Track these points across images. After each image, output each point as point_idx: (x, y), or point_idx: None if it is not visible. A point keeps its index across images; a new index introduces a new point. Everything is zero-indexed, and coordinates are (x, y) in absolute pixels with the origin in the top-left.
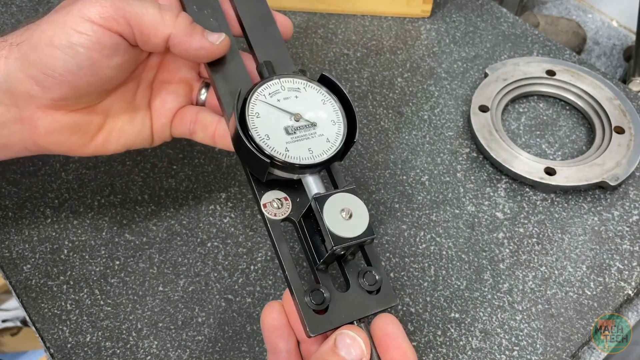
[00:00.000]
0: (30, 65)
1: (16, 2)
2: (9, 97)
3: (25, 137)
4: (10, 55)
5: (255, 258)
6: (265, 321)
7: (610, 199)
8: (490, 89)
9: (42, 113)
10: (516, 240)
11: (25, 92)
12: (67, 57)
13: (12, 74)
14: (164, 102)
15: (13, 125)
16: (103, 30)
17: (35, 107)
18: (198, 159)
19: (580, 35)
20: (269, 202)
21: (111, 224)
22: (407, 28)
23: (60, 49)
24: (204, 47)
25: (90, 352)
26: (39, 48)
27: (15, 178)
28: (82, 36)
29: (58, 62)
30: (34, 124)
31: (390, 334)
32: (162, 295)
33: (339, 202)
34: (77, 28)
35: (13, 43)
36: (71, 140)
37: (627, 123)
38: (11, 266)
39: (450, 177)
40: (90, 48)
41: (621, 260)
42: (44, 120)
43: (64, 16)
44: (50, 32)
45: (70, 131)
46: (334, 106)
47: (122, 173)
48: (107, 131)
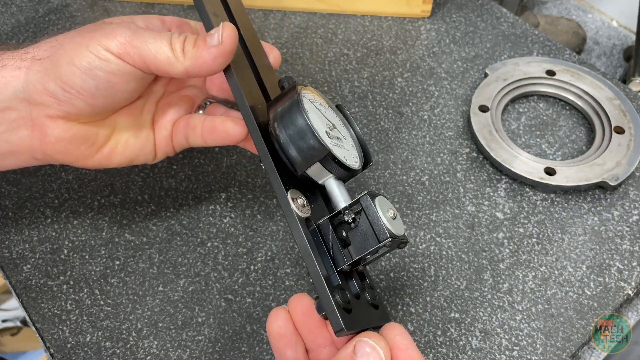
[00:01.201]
0: (50, 79)
1: (16, 2)
2: (25, 105)
3: (35, 144)
4: (32, 67)
5: (255, 258)
6: (271, 329)
7: (610, 199)
8: (490, 89)
9: (53, 122)
10: (516, 240)
11: (41, 102)
12: (86, 78)
13: (31, 84)
14: (165, 115)
15: (24, 131)
16: (122, 61)
17: (47, 116)
18: (198, 159)
19: (580, 35)
20: (294, 197)
21: (111, 224)
22: (407, 28)
23: (81, 69)
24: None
25: (90, 352)
26: (61, 65)
27: (15, 178)
28: (102, 62)
29: (77, 81)
30: (45, 132)
31: (399, 345)
32: (162, 295)
33: (385, 202)
34: (98, 54)
35: (35, 57)
36: (79, 150)
37: (627, 123)
38: (11, 266)
39: (450, 177)
40: (109, 72)
41: (621, 260)
42: (55, 129)
43: (87, 41)
44: (72, 53)
45: (78, 141)
46: (351, 132)
47: (122, 173)
48: (113, 144)
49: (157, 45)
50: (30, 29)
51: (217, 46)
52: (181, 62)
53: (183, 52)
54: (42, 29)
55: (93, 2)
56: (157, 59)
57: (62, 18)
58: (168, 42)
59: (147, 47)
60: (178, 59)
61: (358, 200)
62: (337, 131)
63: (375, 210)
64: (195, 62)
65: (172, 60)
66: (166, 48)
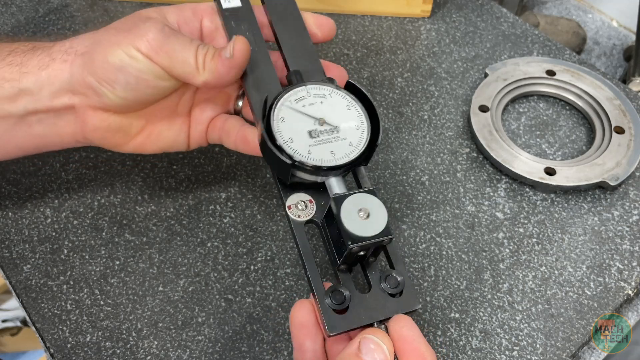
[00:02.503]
0: (88, 73)
1: (16, 2)
2: (70, 95)
3: (77, 129)
4: (75, 61)
5: (255, 258)
6: (294, 318)
7: (610, 199)
8: (490, 89)
9: (92, 112)
10: (516, 240)
11: (82, 93)
12: (119, 74)
13: (75, 77)
14: (203, 111)
15: (70, 117)
16: (150, 62)
17: (88, 106)
18: (198, 159)
19: (580, 35)
20: (294, 204)
21: (111, 224)
22: (407, 28)
23: (114, 66)
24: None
25: (90, 352)
26: (96, 61)
27: (15, 178)
28: (132, 60)
29: (110, 76)
30: (85, 121)
31: (405, 337)
32: (162, 295)
33: (357, 202)
34: (129, 53)
35: (78, 52)
36: (114, 138)
37: (627, 123)
38: (11, 266)
39: (450, 177)
40: (140, 70)
41: (621, 260)
42: (94, 118)
43: (120, 39)
44: (107, 50)
45: (114, 131)
46: (359, 112)
47: (122, 173)
48: (147, 134)
49: (184, 55)
50: (30, 29)
51: (230, 59)
52: (201, 74)
53: (204, 65)
54: (42, 29)
55: (93, 2)
56: (183, 69)
57: (62, 18)
58: (194, 54)
59: (175, 55)
60: (199, 70)
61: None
62: (328, 124)
63: (338, 214)
64: (213, 74)
65: (194, 72)
66: (192, 60)
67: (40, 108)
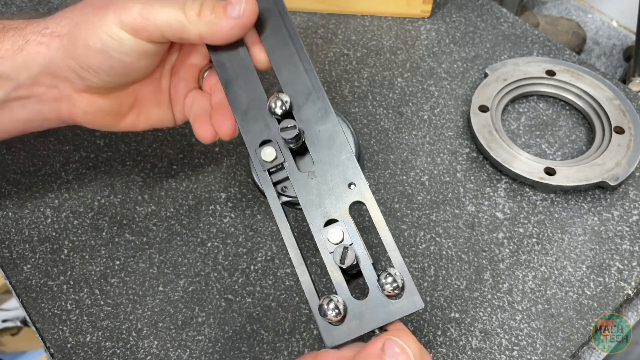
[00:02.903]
0: (70, 57)
1: (16, 2)
2: (51, 79)
3: (63, 113)
4: (52, 44)
5: (255, 258)
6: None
7: (610, 199)
8: (490, 89)
9: (78, 95)
10: (516, 240)
11: (65, 76)
12: (101, 58)
13: (54, 60)
14: (177, 90)
15: (53, 103)
16: (135, 38)
17: (73, 90)
18: (198, 159)
19: (580, 35)
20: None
21: (111, 224)
22: (407, 28)
23: (95, 51)
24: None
25: (91, 352)
26: (77, 46)
27: (15, 178)
28: (114, 42)
29: (93, 61)
30: (72, 104)
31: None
32: (162, 295)
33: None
34: (111, 34)
35: (54, 33)
36: (105, 120)
37: (627, 123)
38: (11, 266)
39: (450, 177)
40: (122, 52)
41: (621, 260)
42: (81, 102)
43: (100, 19)
44: (87, 33)
45: (104, 113)
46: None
47: (122, 173)
48: (136, 113)
49: (169, 12)
50: None
51: (237, 18)
52: (196, 26)
53: (199, 16)
54: None
55: None
56: (171, 27)
57: None
58: (182, 9)
59: (160, 17)
60: (192, 23)
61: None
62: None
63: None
64: (211, 28)
65: (187, 25)
66: (180, 15)
67: (21, 94)
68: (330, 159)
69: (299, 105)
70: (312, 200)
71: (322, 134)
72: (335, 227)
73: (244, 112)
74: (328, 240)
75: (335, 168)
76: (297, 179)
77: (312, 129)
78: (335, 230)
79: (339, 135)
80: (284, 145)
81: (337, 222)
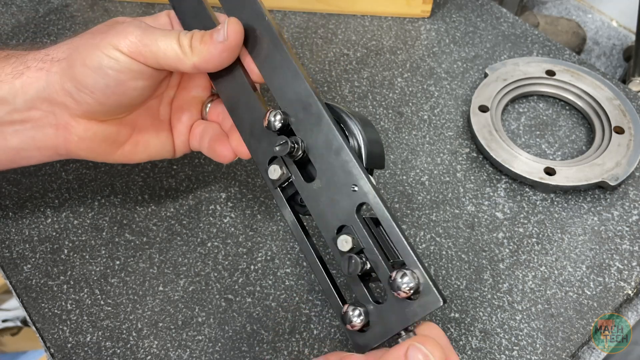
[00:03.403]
0: (67, 80)
1: (16, 2)
2: (48, 104)
3: (59, 142)
4: (52, 68)
5: (255, 258)
6: None
7: (610, 199)
8: (490, 89)
9: (75, 121)
10: (516, 240)
11: (62, 101)
12: (97, 77)
13: (51, 85)
14: (180, 120)
15: (49, 130)
16: (130, 59)
17: (70, 116)
18: (198, 159)
19: (580, 35)
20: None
21: (111, 224)
22: (407, 28)
23: (92, 69)
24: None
25: (91, 352)
26: (75, 67)
27: (15, 178)
28: (111, 61)
29: (89, 80)
30: (69, 131)
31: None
32: (162, 295)
33: None
34: (108, 54)
35: (54, 58)
36: (101, 147)
37: (627, 123)
38: (11, 266)
39: (450, 177)
40: (118, 71)
41: (621, 260)
42: (78, 128)
43: (98, 42)
44: (85, 54)
45: (99, 140)
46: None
47: (122, 173)
48: (134, 143)
49: (166, 42)
50: (30, 29)
51: (223, 41)
52: (189, 58)
53: (191, 48)
54: (42, 29)
55: (93, 3)
56: (166, 55)
57: (62, 18)
58: (176, 39)
59: (157, 44)
60: (186, 54)
61: None
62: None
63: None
64: (203, 57)
65: (181, 56)
66: (175, 45)
67: (16, 118)
68: (331, 164)
69: (296, 114)
70: (322, 210)
71: (319, 140)
72: (343, 235)
73: (250, 134)
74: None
75: (337, 173)
76: (305, 191)
77: (310, 137)
78: (344, 237)
79: (335, 138)
80: (289, 159)
81: (345, 229)
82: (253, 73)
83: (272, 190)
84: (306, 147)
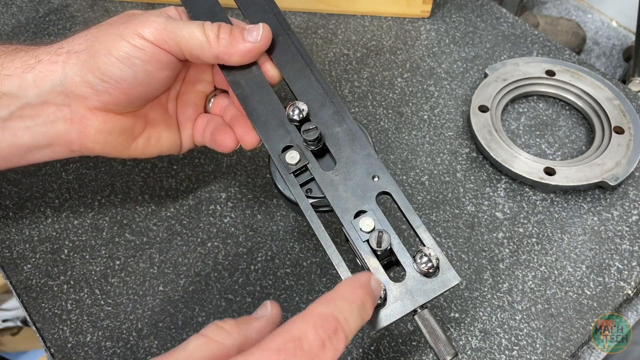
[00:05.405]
0: (88, 71)
1: (16, 2)
2: (63, 97)
3: (73, 137)
4: (69, 60)
5: (255, 258)
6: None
7: (610, 199)
8: (490, 89)
9: (92, 114)
10: (516, 240)
11: (80, 94)
12: (124, 67)
13: (69, 77)
14: (185, 114)
15: (62, 125)
16: (157, 48)
17: (86, 108)
18: (198, 159)
19: (580, 35)
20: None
21: (111, 224)
22: (407, 28)
23: (119, 59)
24: (250, 51)
25: (91, 351)
26: (98, 57)
27: (15, 178)
28: (139, 51)
29: (116, 71)
30: (84, 124)
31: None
32: (162, 295)
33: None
34: (134, 43)
35: (71, 51)
36: (117, 141)
37: (627, 123)
38: (12, 266)
39: (450, 177)
40: (146, 61)
41: (621, 260)
42: (95, 120)
43: (121, 31)
44: (109, 44)
45: (117, 132)
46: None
47: (122, 173)
48: (147, 137)
49: (190, 30)
50: (30, 29)
51: (254, 43)
52: (214, 48)
53: (217, 39)
54: (42, 29)
55: (93, 3)
56: (190, 43)
57: (63, 18)
58: (201, 28)
59: (181, 32)
60: (211, 44)
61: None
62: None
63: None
64: (228, 50)
65: (205, 45)
66: (199, 33)
67: (27, 114)
68: (351, 156)
69: (315, 111)
70: (340, 195)
71: (341, 134)
72: (366, 217)
73: (264, 123)
74: (361, 230)
75: (358, 164)
76: (321, 177)
77: (331, 131)
78: (367, 219)
79: (358, 134)
80: (306, 148)
81: (367, 213)
82: (269, 73)
83: (284, 175)
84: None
